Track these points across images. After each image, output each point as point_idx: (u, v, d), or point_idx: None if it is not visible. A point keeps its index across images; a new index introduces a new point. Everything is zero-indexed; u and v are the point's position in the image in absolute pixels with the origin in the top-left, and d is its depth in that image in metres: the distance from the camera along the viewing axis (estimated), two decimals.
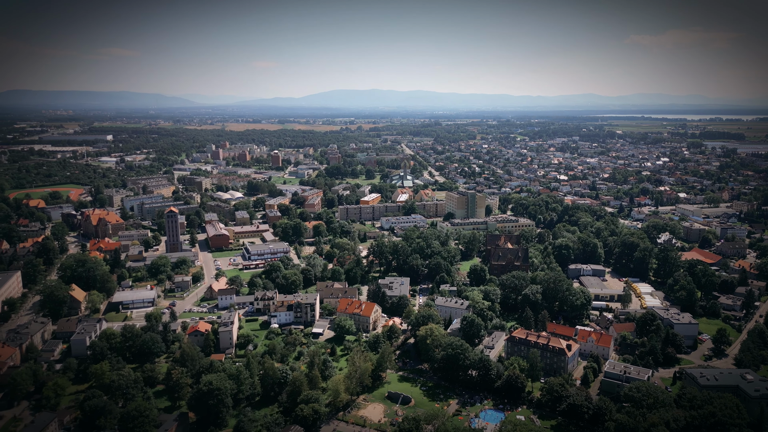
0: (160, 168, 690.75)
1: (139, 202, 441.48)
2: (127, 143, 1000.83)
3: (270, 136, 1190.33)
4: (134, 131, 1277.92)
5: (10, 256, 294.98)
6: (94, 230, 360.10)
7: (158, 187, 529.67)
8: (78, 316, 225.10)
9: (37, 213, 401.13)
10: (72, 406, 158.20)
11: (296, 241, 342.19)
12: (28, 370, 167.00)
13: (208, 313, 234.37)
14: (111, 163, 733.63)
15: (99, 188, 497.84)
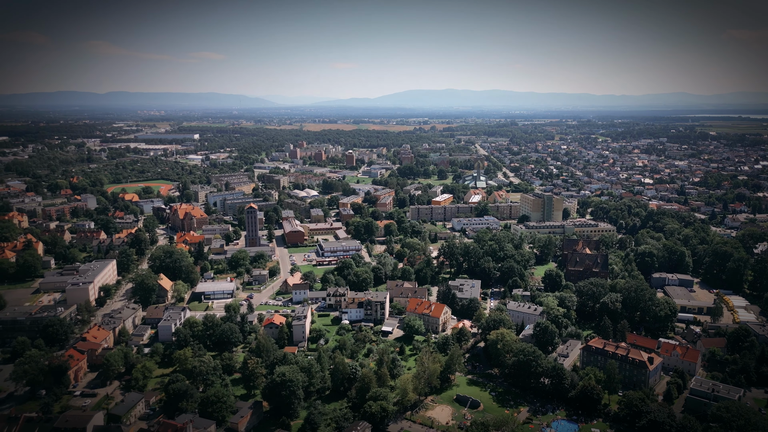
0: (241, 166, 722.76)
1: (222, 198, 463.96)
2: (212, 142, 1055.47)
3: (345, 136, 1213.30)
4: (219, 131, 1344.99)
5: (107, 246, 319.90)
6: (180, 224, 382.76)
7: (239, 184, 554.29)
8: (165, 304, 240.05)
9: (131, 206, 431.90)
10: (158, 388, 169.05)
11: (368, 239, 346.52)
12: (120, 352, 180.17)
13: (282, 306, 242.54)
14: (197, 161, 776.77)
15: (186, 184, 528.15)
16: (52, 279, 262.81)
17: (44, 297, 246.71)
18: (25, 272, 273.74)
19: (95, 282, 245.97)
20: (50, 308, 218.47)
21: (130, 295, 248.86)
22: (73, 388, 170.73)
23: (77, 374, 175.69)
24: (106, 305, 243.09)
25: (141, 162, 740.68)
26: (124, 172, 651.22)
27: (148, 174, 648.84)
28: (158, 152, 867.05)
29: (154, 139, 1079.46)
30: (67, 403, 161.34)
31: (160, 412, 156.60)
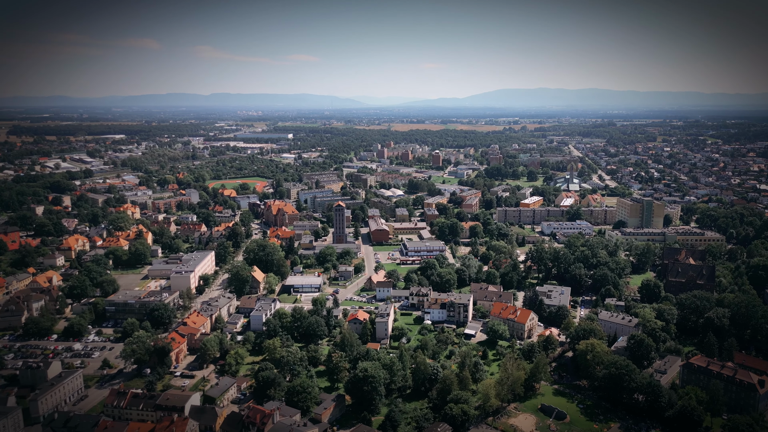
0: (331, 165, 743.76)
1: (312, 195, 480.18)
2: (304, 141, 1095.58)
3: (432, 136, 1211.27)
4: (311, 130, 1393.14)
5: (207, 238, 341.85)
6: (273, 219, 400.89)
7: (329, 182, 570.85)
8: (257, 294, 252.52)
9: (229, 201, 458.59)
10: (248, 374, 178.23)
11: (452, 240, 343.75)
12: (215, 338, 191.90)
13: (366, 303, 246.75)
14: (290, 159, 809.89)
15: (279, 182, 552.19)
16: (159, 267, 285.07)
17: (151, 283, 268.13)
18: (136, 259, 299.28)
19: (196, 271, 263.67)
20: (156, 294, 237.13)
21: (226, 285, 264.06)
22: (174, 369, 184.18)
23: (178, 356, 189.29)
24: (205, 293, 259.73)
25: (239, 160, 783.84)
26: (224, 169, 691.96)
27: (245, 171, 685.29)
28: (255, 151, 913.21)
29: (252, 138, 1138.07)
30: (168, 383, 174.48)
31: (250, 397, 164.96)
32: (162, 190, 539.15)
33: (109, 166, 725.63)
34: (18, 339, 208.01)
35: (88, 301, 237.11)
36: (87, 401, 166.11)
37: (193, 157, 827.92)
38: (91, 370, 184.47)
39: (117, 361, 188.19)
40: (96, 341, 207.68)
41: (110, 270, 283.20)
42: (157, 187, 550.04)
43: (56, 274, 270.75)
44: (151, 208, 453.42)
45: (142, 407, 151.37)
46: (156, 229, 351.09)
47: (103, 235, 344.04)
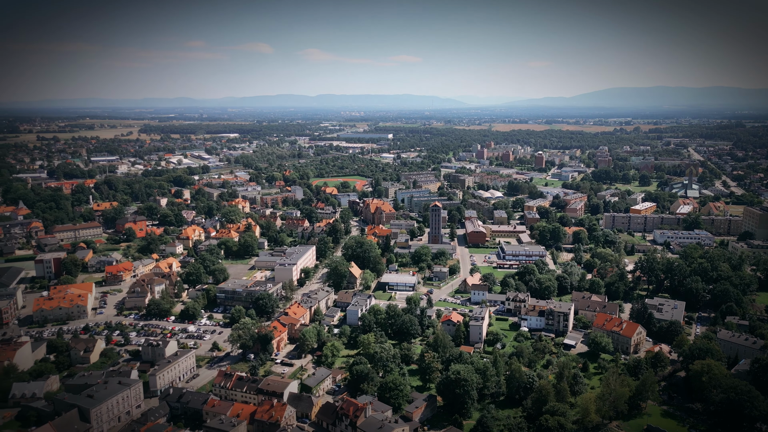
0: (429, 165, 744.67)
1: (409, 195, 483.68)
2: (403, 141, 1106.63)
3: (535, 136, 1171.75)
4: (410, 131, 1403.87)
5: (309, 233, 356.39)
6: (371, 217, 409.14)
7: (426, 182, 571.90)
8: (354, 290, 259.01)
9: (330, 199, 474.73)
10: (343, 367, 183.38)
11: (553, 245, 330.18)
12: (314, 329, 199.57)
13: (460, 305, 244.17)
14: (389, 159, 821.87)
15: (378, 181, 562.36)
16: (265, 258, 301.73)
17: (258, 273, 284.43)
18: (245, 251, 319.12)
19: (298, 264, 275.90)
20: (262, 284, 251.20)
21: (325, 278, 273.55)
22: (275, 356, 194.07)
23: (279, 344, 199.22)
24: (305, 286, 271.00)
25: (341, 159, 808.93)
26: (327, 167, 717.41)
27: (346, 170, 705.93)
28: (356, 150, 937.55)
29: (353, 138, 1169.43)
30: (269, 369, 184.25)
31: (344, 389, 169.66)
32: (270, 186, 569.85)
33: (224, 163, 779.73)
34: (141, 318, 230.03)
35: (202, 288, 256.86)
36: (198, 380, 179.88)
37: (298, 155, 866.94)
38: (202, 351, 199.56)
39: (225, 345, 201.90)
40: (207, 325, 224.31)
41: (221, 259, 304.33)
42: (266, 183, 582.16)
43: (176, 261, 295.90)
44: (260, 203, 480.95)
45: (245, 390, 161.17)
46: (263, 223, 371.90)
47: (217, 227, 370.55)
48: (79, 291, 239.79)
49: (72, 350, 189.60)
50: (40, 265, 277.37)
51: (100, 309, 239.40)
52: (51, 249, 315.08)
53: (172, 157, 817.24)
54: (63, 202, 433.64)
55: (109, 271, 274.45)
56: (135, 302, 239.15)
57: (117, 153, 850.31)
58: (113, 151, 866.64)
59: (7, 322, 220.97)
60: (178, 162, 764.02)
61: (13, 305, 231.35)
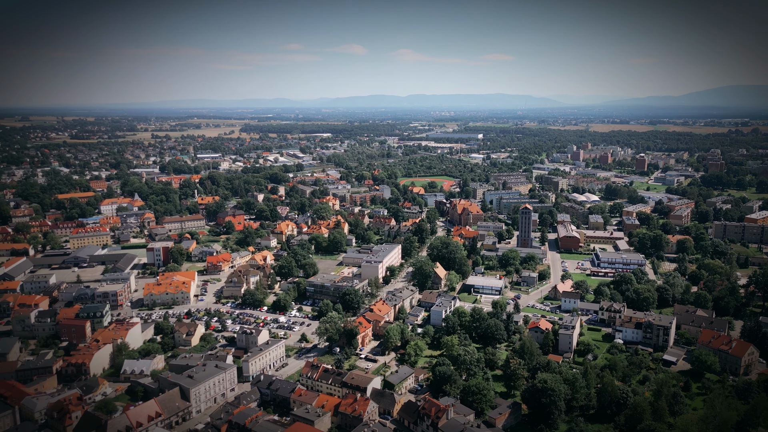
0: (520, 166, 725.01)
1: (498, 196, 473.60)
2: (494, 142, 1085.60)
3: (637, 137, 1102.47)
4: (501, 131, 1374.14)
5: (395, 232, 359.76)
6: (458, 218, 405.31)
7: (516, 183, 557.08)
8: (438, 290, 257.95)
9: (417, 198, 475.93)
10: (425, 367, 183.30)
11: (654, 254, 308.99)
12: (398, 327, 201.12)
13: (549, 312, 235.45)
14: (478, 160, 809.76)
15: (466, 181, 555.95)
16: (352, 255, 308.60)
17: (345, 269, 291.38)
18: (334, 247, 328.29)
19: (384, 262, 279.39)
20: (349, 279, 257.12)
21: (410, 278, 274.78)
22: (360, 352, 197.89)
23: (363, 340, 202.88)
24: (390, 284, 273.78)
25: (429, 159, 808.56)
26: (415, 167, 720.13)
27: (434, 170, 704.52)
28: (444, 150, 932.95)
29: (442, 138, 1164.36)
30: (354, 363, 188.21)
31: (427, 389, 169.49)
32: (359, 184, 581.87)
33: (317, 162, 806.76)
34: (237, 307, 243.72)
35: (293, 281, 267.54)
36: (286, 369, 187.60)
37: (387, 155, 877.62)
38: (291, 341, 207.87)
39: (312, 337, 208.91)
40: (297, 317, 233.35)
41: (312, 254, 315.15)
42: (355, 181, 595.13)
43: (270, 254, 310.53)
44: (349, 201, 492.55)
45: (330, 382, 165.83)
46: (352, 220, 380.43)
47: (308, 223, 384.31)
48: (184, 278, 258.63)
49: (176, 333, 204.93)
50: (151, 253, 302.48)
51: (201, 296, 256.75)
52: (160, 238, 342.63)
53: (270, 155, 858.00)
54: (172, 195, 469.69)
55: (210, 261, 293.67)
56: (232, 291, 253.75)
57: (220, 150, 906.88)
58: (217, 149, 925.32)
59: (122, 304, 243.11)
60: (275, 160, 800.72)
61: (127, 289, 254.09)
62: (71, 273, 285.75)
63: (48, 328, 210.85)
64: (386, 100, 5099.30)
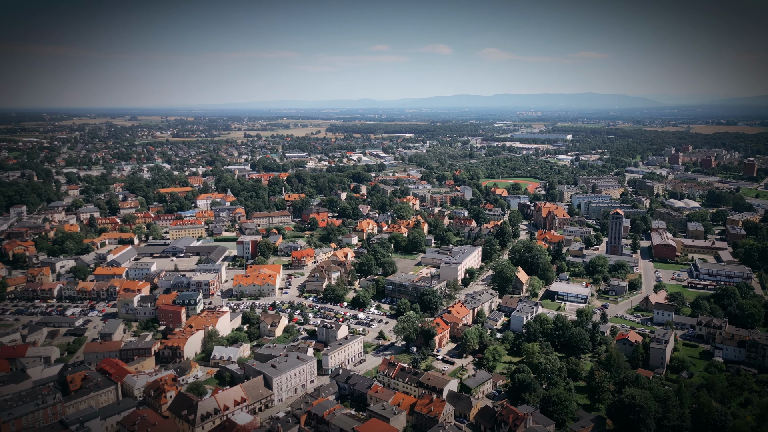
0: (611, 169, 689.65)
1: (587, 200, 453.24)
2: (583, 143, 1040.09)
3: (746, 140, 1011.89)
4: (592, 131, 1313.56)
5: (475, 234, 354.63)
6: (542, 221, 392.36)
7: (607, 187, 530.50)
8: (519, 295, 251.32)
9: (500, 200, 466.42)
10: (504, 373, 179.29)
11: (762, 267, 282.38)
12: (476, 330, 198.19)
13: (640, 324, 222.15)
14: (566, 161, 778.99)
15: (552, 184, 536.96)
16: (431, 256, 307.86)
17: (423, 269, 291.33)
18: (413, 246, 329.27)
19: (463, 264, 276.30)
20: (427, 280, 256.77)
21: (490, 281, 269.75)
22: (437, 353, 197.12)
23: (440, 341, 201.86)
24: (469, 286, 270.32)
25: (513, 160, 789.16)
26: (498, 168, 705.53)
27: (518, 171, 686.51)
28: (530, 151, 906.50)
29: (528, 139, 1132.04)
30: (430, 364, 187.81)
31: (505, 396, 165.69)
32: (440, 185, 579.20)
33: (398, 161, 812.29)
34: (318, 301, 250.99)
35: (372, 278, 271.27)
36: (364, 365, 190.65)
37: (470, 155, 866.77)
38: (369, 338, 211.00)
39: (390, 335, 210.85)
40: (375, 314, 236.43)
41: (391, 253, 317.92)
42: (436, 182, 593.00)
43: (351, 251, 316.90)
44: (429, 201, 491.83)
45: (407, 381, 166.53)
46: (431, 221, 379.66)
47: (389, 222, 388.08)
48: (270, 271, 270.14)
49: (261, 323, 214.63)
50: (240, 246, 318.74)
51: (285, 289, 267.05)
52: (250, 232, 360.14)
53: (353, 154, 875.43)
54: (261, 192, 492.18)
55: (295, 255, 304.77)
56: (314, 286, 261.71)
57: (307, 150, 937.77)
58: (304, 148, 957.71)
59: (213, 293, 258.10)
60: (358, 159, 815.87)
61: (219, 279, 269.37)
62: (170, 262, 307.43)
63: (148, 312, 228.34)
64: (470, 99, 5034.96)
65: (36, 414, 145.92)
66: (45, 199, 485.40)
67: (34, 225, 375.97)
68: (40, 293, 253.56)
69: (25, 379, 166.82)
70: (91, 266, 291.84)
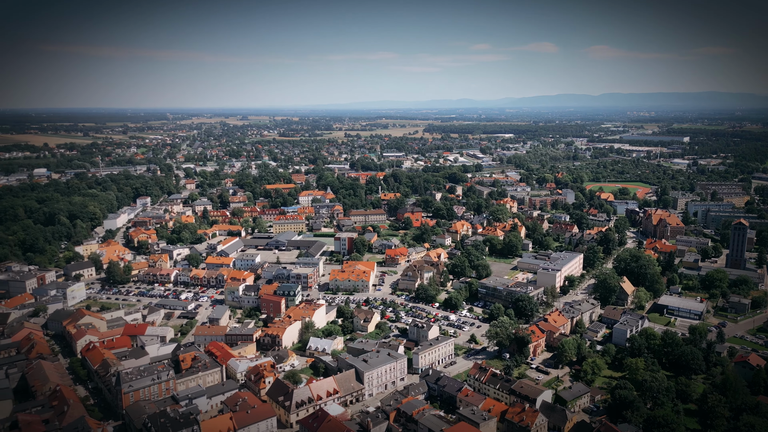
0: (735, 174, 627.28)
1: (705, 208, 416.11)
2: (703, 146, 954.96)
3: None
4: (713, 133, 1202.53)
5: (577, 240, 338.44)
6: (652, 229, 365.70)
7: (729, 195, 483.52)
8: (623, 307, 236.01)
9: (605, 205, 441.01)
10: (603, 387, 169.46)
11: None
12: (574, 341, 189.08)
13: (763, 346, 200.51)
14: (682, 165, 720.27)
15: (665, 189, 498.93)
16: (528, 260, 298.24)
17: (519, 274, 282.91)
18: (508, 250, 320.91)
19: (562, 271, 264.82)
20: (523, 285, 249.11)
21: (591, 290, 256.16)
22: (531, 361, 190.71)
23: (535, 349, 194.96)
24: (568, 294, 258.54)
25: (621, 163, 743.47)
26: (604, 171, 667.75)
27: (626, 175, 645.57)
28: (641, 154, 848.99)
29: (639, 141, 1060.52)
30: (523, 372, 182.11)
31: (603, 412, 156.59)
32: (539, 187, 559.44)
33: (496, 162, 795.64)
34: (410, 300, 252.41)
35: (465, 280, 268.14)
36: (454, 367, 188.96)
37: (573, 157, 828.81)
38: (460, 341, 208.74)
39: (482, 339, 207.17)
40: (467, 317, 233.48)
41: (485, 256, 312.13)
42: (536, 184, 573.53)
43: (444, 251, 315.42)
44: (528, 204, 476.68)
45: (498, 387, 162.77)
46: (529, 224, 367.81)
47: (483, 224, 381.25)
48: (365, 268, 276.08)
49: (355, 318, 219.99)
50: (337, 242, 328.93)
51: (379, 286, 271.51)
52: (347, 229, 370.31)
53: (450, 155, 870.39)
54: (358, 190, 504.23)
55: (389, 254, 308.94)
56: (406, 284, 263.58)
57: (404, 150, 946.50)
58: (401, 148, 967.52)
59: (311, 286, 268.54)
60: (454, 160, 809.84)
61: (316, 273, 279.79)
62: (272, 254, 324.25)
63: (252, 300, 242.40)
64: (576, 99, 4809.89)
65: (152, 388, 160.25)
66: (166, 192, 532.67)
67: (156, 215, 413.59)
68: (159, 278, 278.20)
69: (144, 355, 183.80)
70: (203, 255, 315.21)
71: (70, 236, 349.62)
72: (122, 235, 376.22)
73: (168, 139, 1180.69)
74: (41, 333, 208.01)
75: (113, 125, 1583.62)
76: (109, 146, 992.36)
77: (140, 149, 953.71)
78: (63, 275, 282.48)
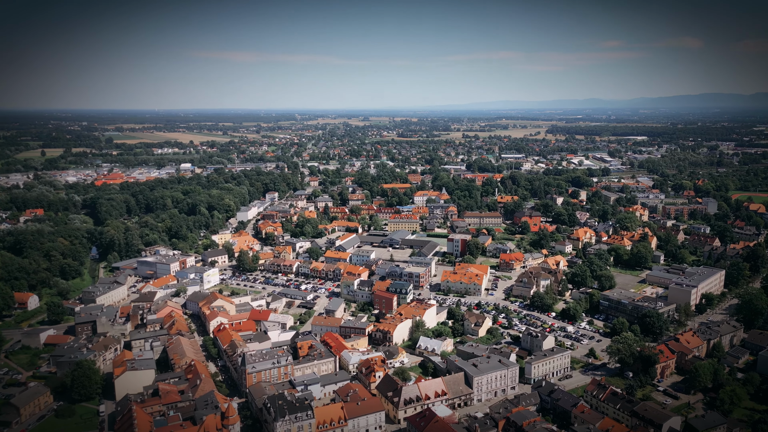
0: None
1: None
2: None
3: None
4: None
5: (718, 254, 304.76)
6: None
7: None
8: None
9: (754, 217, 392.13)
10: (744, 421, 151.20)
11: None
12: (710, 366, 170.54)
13: None
14: None
15: None
16: (658, 274, 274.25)
17: (648, 288, 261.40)
18: (636, 261, 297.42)
19: (699, 287, 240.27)
20: (651, 300, 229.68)
21: (733, 311, 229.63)
22: (658, 383, 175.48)
23: (663, 371, 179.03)
24: (705, 314, 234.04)
25: None
26: (755, 179, 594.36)
27: None
28: None
29: None
30: (648, 394, 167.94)
31: None
32: (676, 195, 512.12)
33: (626, 167, 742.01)
34: (524, 307, 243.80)
35: (586, 291, 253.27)
36: (569, 381, 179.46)
37: (718, 163, 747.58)
38: (577, 354, 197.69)
39: (602, 354, 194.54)
40: (586, 329, 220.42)
41: (610, 266, 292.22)
42: (671, 191, 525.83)
43: (563, 259, 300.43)
44: (661, 213, 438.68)
45: (619, 407, 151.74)
46: (662, 235, 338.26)
47: (609, 232, 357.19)
48: (477, 271, 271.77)
49: (465, 321, 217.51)
50: (450, 243, 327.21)
51: (492, 291, 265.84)
52: (460, 231, 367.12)
53: (574, 157, 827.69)
54: (474, 192, 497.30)
55: (503, 258, 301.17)
56: (521, 291, 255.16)
57: (523, 151, 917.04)
58: (520, 150, 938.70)
59: (422, 286, 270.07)
60: (579, 163, 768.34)
61: (428, 272, 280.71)
62: (386, 252, 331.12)
63: (365, 295, 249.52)
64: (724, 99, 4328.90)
65: (272, 371, 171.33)
66: (292, 188, 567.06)
67: (282, 209, 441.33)
68: (282, 268, 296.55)
69: (266, 339, 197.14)
70: (323, 249, 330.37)
71: (208, 225, 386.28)
72: (252, 227, 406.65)
73: (295, 138, 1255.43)
74: (181, 311, 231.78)
75: (248, 125, 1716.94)
76: (243, 144, 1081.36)
77: (270, 147, 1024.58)
78: (201, 260, 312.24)
